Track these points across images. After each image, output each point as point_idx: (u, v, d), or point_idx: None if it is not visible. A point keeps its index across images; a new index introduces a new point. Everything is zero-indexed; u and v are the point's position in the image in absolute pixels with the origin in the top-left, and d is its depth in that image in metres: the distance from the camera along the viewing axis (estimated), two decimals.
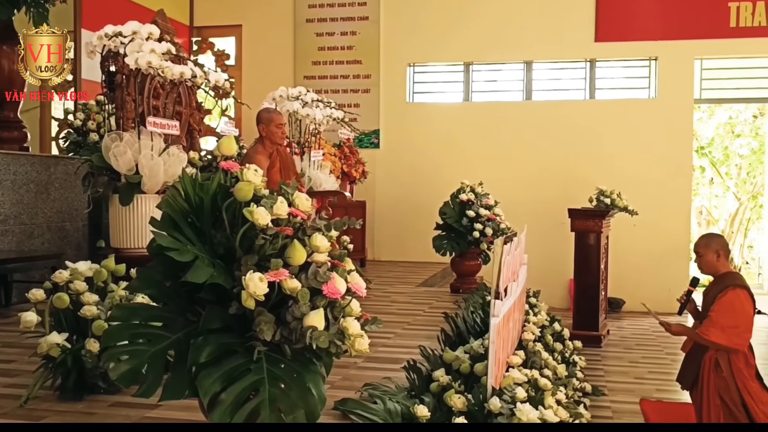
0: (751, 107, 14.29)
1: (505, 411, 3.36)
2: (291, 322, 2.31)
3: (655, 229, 9.46)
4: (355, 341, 2.37)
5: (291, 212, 2.49)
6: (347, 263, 2.57)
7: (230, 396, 2.20)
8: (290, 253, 2.38)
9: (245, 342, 2.33)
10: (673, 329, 4.73)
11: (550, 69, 10.39)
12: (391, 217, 10.19)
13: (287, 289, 2.29)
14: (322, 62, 10.51)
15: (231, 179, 2.51)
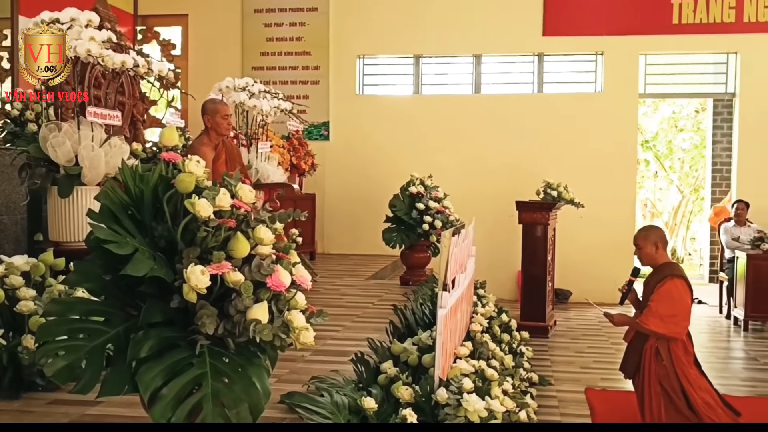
0: (693, 102, 14.65)
1: (451, 402, 3.38)
2: (234, 316, 2.29)
3: (600, 221, 9.63)
4: (300, 334, 2.35)
5: (234, 204, 2.46)
6: (292, 256, 2.54)
7: (172, 391, 2.17)
8: (233, 246, 2.35)
9: (187, 336, 2.29)
10: (615, 320, 4.82)
11: (499, 63, 10.48)
12: (341, 210, 10.16)
13: (230, 282, 2.26)
14: (270, 53, 10.40)
15: (173, 170, 2.46)
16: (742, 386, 6.02)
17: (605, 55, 10.04)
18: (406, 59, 10.55)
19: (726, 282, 9.10)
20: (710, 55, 10.24)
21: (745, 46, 9.80)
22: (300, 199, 8.60)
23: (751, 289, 8.19)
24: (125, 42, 5.16)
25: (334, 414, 3.25)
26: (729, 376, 6.40)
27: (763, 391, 5.88)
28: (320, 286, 7.12)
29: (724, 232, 9.26)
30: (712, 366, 6.55)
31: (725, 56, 10.11)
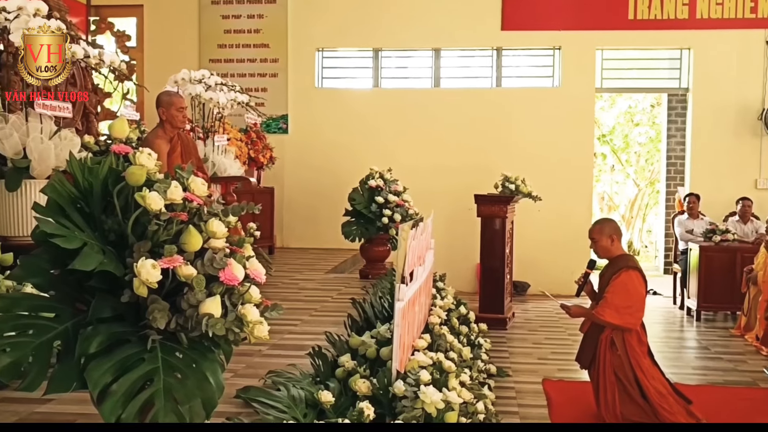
0: (649, 97, 14.90)
1: (409, 394, 3.38)
2: (186, 310, 2.26)
3: (558, 214, 9.75)
4: (254, 328, 2.33)
5: (186, 197, 2.42)
6: (246, 249, 2.52)
7: (122, 387, 2.13)
8: (185, 239, 2.32)
9: (138, 331, 2.25)
10: (571, 311, 4.89)
11: (458, 57, 10.51)
12: (301, 204, 10.11)
13: (182, 276, 2.23)
14: (228, 45, 10.28)
15: (123, 163, 2.42)
16: (694, 375, 6.15)
17: (563, 50, 10.14)
18: (365, 52, 10.53)
19: (679, 273, 9.29)
20: (664, 50, 10.41)
21: (698, 42, 9.99)
22: (258, 193, 8.53)
23: (703, 280, 8.37)
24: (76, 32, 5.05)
25: (291, 408, 3.24)
26: (682, 365, 6.54)
27: (713, 379, 6.02)
28: (278, 280, 7.08)
29: (677, 225, 9.45)
30: (665, 355, 6.69)
31: (679, 52, 10.30)
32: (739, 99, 9.96)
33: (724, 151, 10.00)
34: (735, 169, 9.98)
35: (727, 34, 9.88)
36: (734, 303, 8.11)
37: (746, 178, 9.95)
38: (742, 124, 9.99)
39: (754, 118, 9.90)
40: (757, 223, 9.09)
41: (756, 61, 9.88)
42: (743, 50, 9.90)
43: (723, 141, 10.01)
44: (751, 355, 6.82)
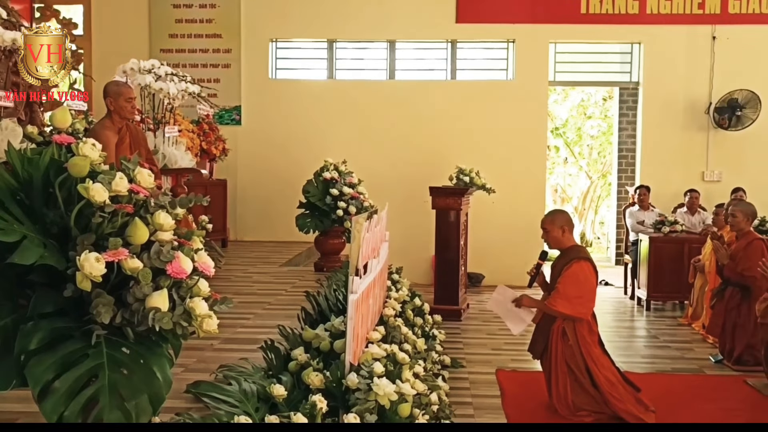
0: (601, 90, 15.10)
1: (362, 386, 3.37)
2: (133, 304, 2.22)
3: (512, 206, 9.84)
4: (203, 322, 2.30)
5: (132, 189, 2.37)
6: (195, 242, 2.47)
7: (64, 384, 2.08)
8: (131, 232, 2.27)
9: (82, 326, 2.20)
10: (523, 302, 4.93)
11: (413, 49, 10.51)
12: (255, 196, 10.01)
13: (127, 270, 2.18)
14: (179, 35, 10.10)
15: (66, 154, 2.35)
16: (643, 363, 6.27)
17: (516, 43, 10.22)
18: (320, 43, 10.45)
19: (630, 264, 9.46)
20: (616, 44, 10.57)
21: (648, 37, 10.16)
22: (210, 185, 8.42)
23: (653, 270, 8.53)
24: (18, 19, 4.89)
25: (243, 402, 3.20)
26: (632, 353, 6.67)
27: (662, 367, 6.15)
28: (231, 274, 7.00)
29: (628, 216, 9.62)
30: (616, 344, 6.81)
31: (630, 46, 10.46)
32: (687, 93, 10.17)
33: (673, 144, 10.21)
34: (683, 162, 10.21)
35: (676, 29, 10.07)
36: (682, 293, 8.29)
37: (694, 171, 10.18)
38: (691, 117, 10.21)
39: (702, 112, 10.12)
40: (704, 214, 9.31)
41: (703, 56, 10.09)
42: (691, 45, 10.11)
43: (672, 134, 10.22)
44: (698, 343, 6.99)
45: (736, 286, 6.31)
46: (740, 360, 6.11)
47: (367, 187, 7.92)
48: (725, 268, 6.40)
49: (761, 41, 9.99)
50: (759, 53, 10.00)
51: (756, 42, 10.00)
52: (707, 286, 7.43)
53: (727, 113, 9.88)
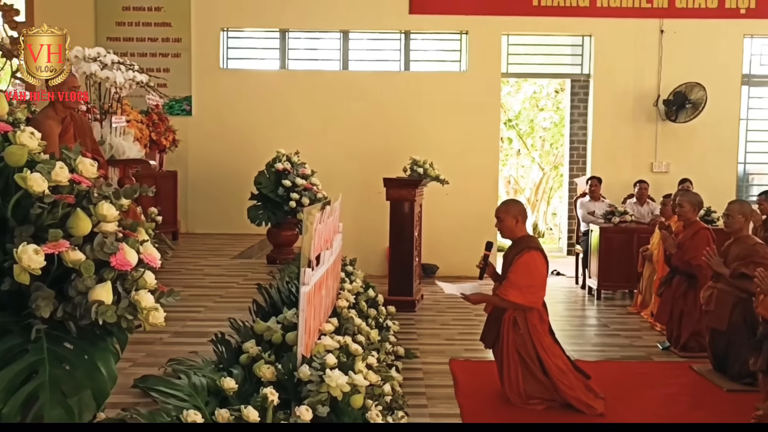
0: (553, 82, 15.28)
1: (314, 378, 3.35)
2: (75, 297, 2.16)
3: (465, 198, 9.89)
4: (149, 315, 2.25)
5: (74, 179, 2.30)
6: (140, 233, 2.41)
7: (3, 380, 2.02)
8: (72, 223, 2.20)
9: (21, 321, 2.13)
10: (471, 299, 4.96)
11: (367, 39, 10.47)
12: (206, 188, 9.87)
13: (69, 262, 2.12)
14: (127, 23, 9.86)
15: (2, 143, 2.27)
16: (594, 351, 6.38)
17: (469, 35, 10.25)
18: (272, 33, 10.33)
19: (581, 254, 9.61)
20: (567, 37, 10.68)
21: (599, 30, 10.30)
22: (160, 177, 8.27)
23: (603, 260, 8.68)
24: None
25: (192, 396, 3.14)
26: (582, 342, 6.77)
27: (611, 354, 6.26)
28: (182, 266, 6.89)
29: (580, 207, 9.76)
30: (567, 333, 6.91)
31: (581, 39, 10.59)
32: (636, 86, 10.34)
33: (623, 136, 10.38)
34: (633, 154, 10.39)
35: (626, 22, 10.22)
36: (632, 282, 8.44)
37: (643, 162, 10.37)
38: (640, 110, 10.39)
39: (651, 104, 10.31)
40: (653, 204, 9.50)
41: (652, 49, 10.28)
42: (640, 39, 10.28)
43: (622, 126, 10.38)
44: (646, 331, 7.13)
45: (683, 275, 6.45)
46: (686, 346, 6.26)
47: (321, 178, 7.87)
48: (673, 257, 6.53)
49: (707, 35, 10.21)
50: (705, 47, 10.22)
51: (702, 36, 10.21)
52: (655, 275, 7.58)
53: (674, 105, 10.08)
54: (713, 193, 9.32)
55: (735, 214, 5.67)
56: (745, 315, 5.25)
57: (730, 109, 10.38)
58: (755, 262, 5.23)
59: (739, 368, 5.27)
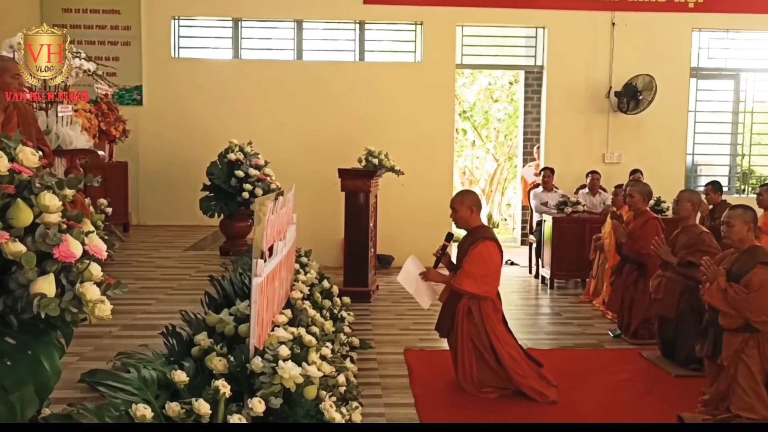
0: (508, 74, 15.39)
1: (267, 370, 3.32)
2: (16, 290, 2.10)
3: (421, 188, 9.90)
4: (95, 307, 2.19)
5: (13, 168, 2.23)
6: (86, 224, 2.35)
7: None
8: (12, 214, 2.14)
9: None
10: (430, 275, 4.99)
11: (321, 29, 10.39)
12: (157, 179, 9.69)
13: (9, 254, 2.06)
14: (74, 10, 9.57)
15: None
16: (547, 339, 6.46)
17: (424, 25, 10.24)
18: (224, 22, 10.18)
19: (535, 244, 9.72)
20: (521, 28, 10.75)
21: (552, 22, 10.38)
22: (110, 168, 8.09)
23: (556, 249, 8.79)
24: None
25: (141, 390, 3.08)
26: (536, 330, 6.85)
27: (564, 342, 6.35)
28: (133, 258, 6.76)
29: (533, 197, 9.87)
30: (521, 322, 6.99)
31: (534, 30, 10.66)
32: (589, 77, 10.47)
33: (575, 128, 10.50)
34: (585, 145, 10.52)
35: (578, 15, 10.33)
36: (584, 271, 8.57)
37: (595, 153, 10.52)
38: (592, 101, 10.51)
39: (602, 96, 10.44)
40: (605, 195, 9.65)
41: (603, 41, 10.40)
42: (592, 31, 10.39)
43: (575, 118, 10.50)
44: (598, 319, 7.25)
45: (634, 264, 6.56)
46: (636, 334, 6.38)
47: (275, 169, 7.79)
48: (623, 246, 6.64)
49: (657, 28, 10.38)
50: (655, 39, 10.39)
51: (652, 29, 10.38)
52: (607, 263, 7.70)
53: (626, 97, 10.23)
54: (663, 183, 9.51)
55: (684, 201, 5.81)
56: (692, 302, 5.37)
57: (679, 101, 10.59)
58: (702, 251, 5.35)
59: (687, 354, 5.39)
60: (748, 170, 11.47)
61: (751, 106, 11.06)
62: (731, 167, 11.23)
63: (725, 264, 4.62)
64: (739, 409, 4.38)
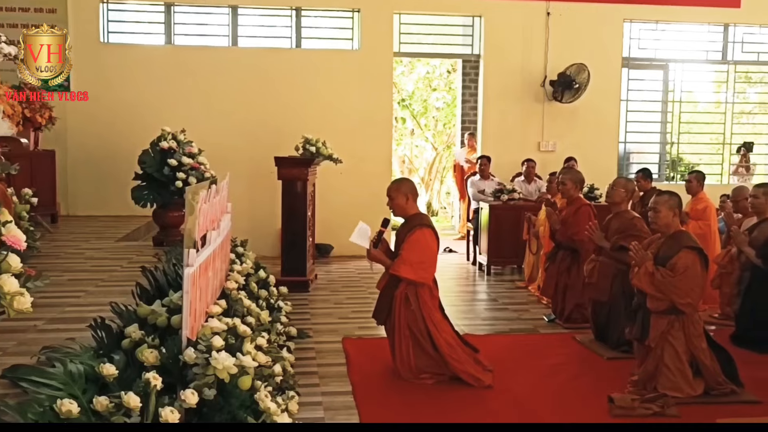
0: (446, 62, 15.46)
1: (200, 361, 3.26)
2: None
3: (360, 177, 9.87)
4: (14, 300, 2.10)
5: None
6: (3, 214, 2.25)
7: None
8: None
9: None
10: (371, 254, 4.97)
11: (257, 15, 10.23)
12: (87, 168, 9.40)
13: None
14: None
15: None
16: (483, 325, 6.54)
17: (361, 13, 10.18)
18: (156, 6, 9.91)
19: (472, 231, 9.81)
20: (458, 17, 10.79)
21: (489, 10, 10.46)
22: (36, 156, 7.80)
23: (493, 237, 8.90)
24: None
25: (68, 384, 2.98)
26: (473, 316, 6.93)
27: (500, 328, 6.43)
28: (61, 250, 6.54)
29: (470, 185, 9.96)
30: (459, 308, 7.06)
31: (471, 19, 10.72)
32: (524, 67, 10.58)
33: (512, 116, 10.62)
34: (521, 133, 10.65)
35: (514, 4, 10.43)
36: (520, 257, 8.70)
37: (531, 141, 10.66)
38: (528, 90, 10.64)
39: (538, 84, 10.58)
40: (540, 182, 9.80)
41: (539, 31, 10.53)
42: (528, 20, 10.50)
43: (511, 106, 10.61)
44: (533, 304, 7.38)
45: (567, 250, 6.69)
46: (570, 318, 6.52)
47: (210, 158, 7.63)
48: (557, 232, 6.76)
49: (590, 18, 10.56)
50: (588, 30, 10.57)
51: (586, 19, 10.55)
52: (542, 249, 7.83)
53: (560, 86, 10.39)
54: (596, 171, 9.72)
55: (618, 187, 5.96)
56: (624, 286, 5.49)
57: (612, 90, 10.82)
58: (633, 236, 5.49)
59: (618, 337, 5.53)
60: (677, 158, 11.83)
61: (679, 95, 11.39)
62: (661, 155, 11.55)
63: (653, 249, 4.76)
64: (666, 389, 4.52)
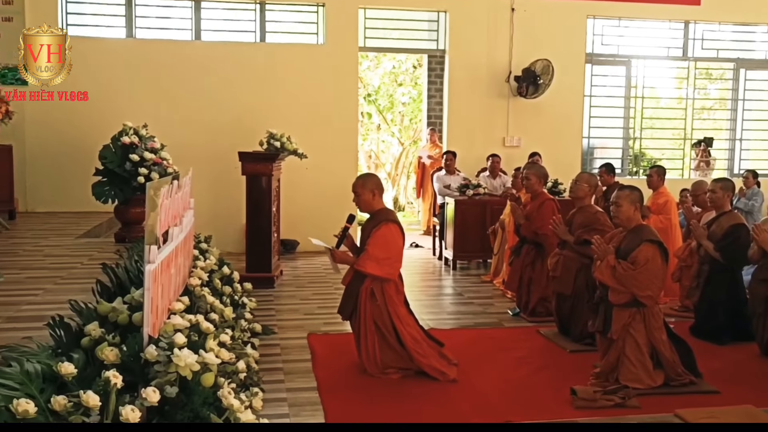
0: (411, 58, 15.47)
1: (162, 358, 3.21)
2: None
3: (326, 172, 9.82)
4: None
5: None
6: None
7: None
8: None
9: None
10: (336, 256, 4.95)
11: (221, 9, 10.12)
12: (46, 164, 9.21)
13: None
14: None
15: None
16: (449, 319, 6.56)
17: (326, 7, 10.12)
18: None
19: (438, 226, 9.84)
20: (424, 12, 10.79)
21: (453, 6, 10.48)
22: None
23: (458, 231, 8.93)
24: None
25: (24, 384, 2.91)
26: (438, 311, 6.95)
27: (465, 322, 6.46)
28: (19, 247, 6.42)
29: (436, 180, 9.98)
30: (424, 303, 7.07)
31: (436, 14, 10.73)
32: (489, 62, 10.63)
33: (477, 112, 10.66)
34: (486, 128, 10.70)
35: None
36: (486, 252, 8.75)
37: (496, 137, 10.72)
38: (493, 86, 10.69)
39: (503, 80, 10.64)
40: (505, 177, 9.86)
41: (503, 26, 10.58)
42: (492, 16, 10.55)
43: (476, 102, 10.65)
44: (498, 298, 7.42)
45: (531, 244, 6.74)
46: (534, 312, 6.57)
47: (174, 153, 7.54)
48: (521, 227, 6.81)
49: (554, 14, 10.65)
50: (552, 26, 10.65)
51: (550, 15, 10.64)
52: (507, 244, 7.88)
53: (525, 82, 10.45)
54: (560, 166, 9.82)
55: (582, 182, 6.03)
56: (588, 280, 5.55)
57: (575, 86, 10.92)
58: (597, 230, 5.55)
59: (581, 330, 5.58)
60: (639, 153, 11.99)
61: (641, 91, 11.55)
62: (624, 150, 11.70)
63: (614, 242, 4.82)
64: (627, 380, 4.58)
